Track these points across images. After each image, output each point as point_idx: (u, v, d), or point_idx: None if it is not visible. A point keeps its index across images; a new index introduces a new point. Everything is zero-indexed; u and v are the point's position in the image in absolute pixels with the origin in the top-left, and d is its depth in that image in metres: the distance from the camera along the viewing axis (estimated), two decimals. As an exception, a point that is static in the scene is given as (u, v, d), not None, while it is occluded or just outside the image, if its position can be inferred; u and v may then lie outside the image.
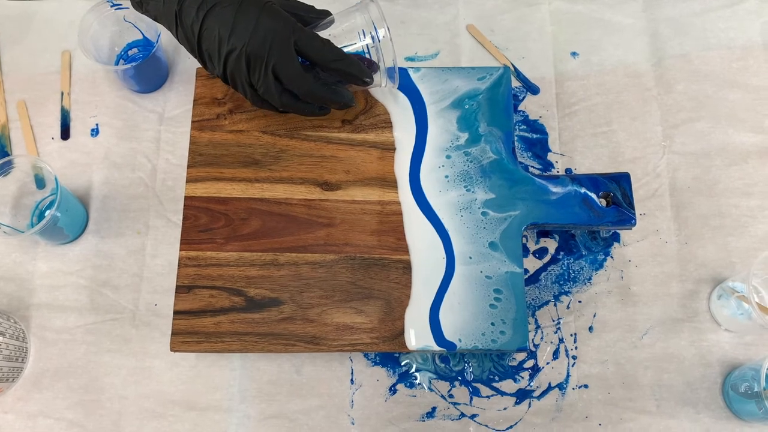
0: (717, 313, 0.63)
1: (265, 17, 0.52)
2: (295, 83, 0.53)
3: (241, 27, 0.51)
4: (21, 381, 0.62)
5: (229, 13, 0.51)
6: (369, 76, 0.56)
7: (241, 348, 0.56)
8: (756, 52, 0.72)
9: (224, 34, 0.51)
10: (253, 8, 0.52)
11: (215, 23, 0.51)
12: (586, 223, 0.60)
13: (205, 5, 0.51)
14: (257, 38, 0.51)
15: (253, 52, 0.51)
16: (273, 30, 0.51)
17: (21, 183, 0.65)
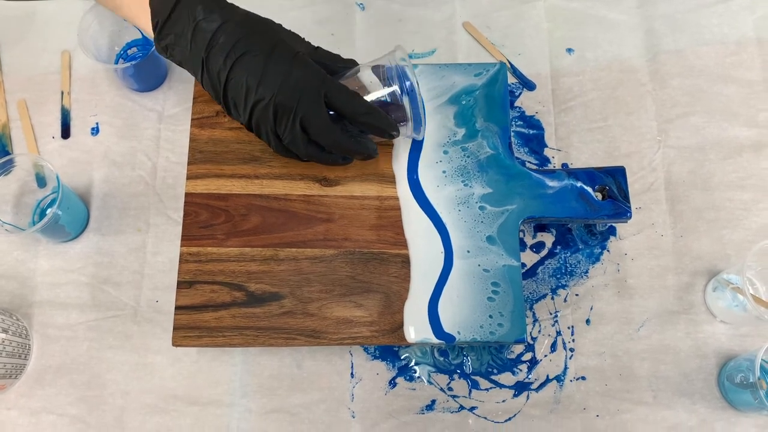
0: (712, 305, 0.64)
1: (296, 68, 0.51)
2: (323, 135, 0.53)
3: (271, 77, 0.50)
4: (24, 378, 0.63)
5: (259, 62, 0.50)
6: (396, 130, 0.55)
7: (243, 342, 0.57)
8: (750, 47, 0.73)
9: (252, 83, 0.50)
10: (284, 58, 0.51)
11: (243, 72, 0.50)
12: (583, 217, 0.60)
13: (233, 53, 0.50)
14: (287, 89, 0.50)
15: (281, 103, 0.50)
16: (303, 81, 0.50)
17: (22, 182, 0.65)
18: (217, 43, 0.51)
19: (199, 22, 0.51)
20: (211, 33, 0.50)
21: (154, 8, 0.52)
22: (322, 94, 0.51)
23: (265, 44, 0.51)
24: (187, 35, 0.51)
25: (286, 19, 0.74)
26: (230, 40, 0.50)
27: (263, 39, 0.51)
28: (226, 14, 0.51)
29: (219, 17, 0.51)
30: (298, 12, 0.76)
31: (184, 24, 0.51)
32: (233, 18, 0.51)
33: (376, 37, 0.74)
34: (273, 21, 0.55)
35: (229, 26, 0.51)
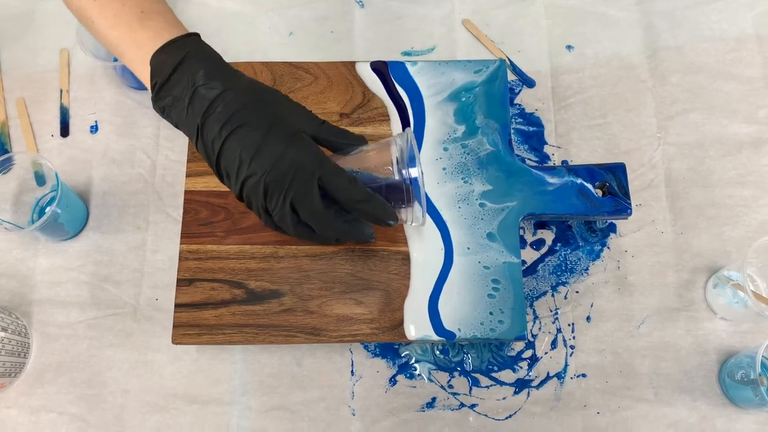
0: (713, 302, 0.63)
1: (292, 147, 0.48)
2: (314, 219, 0.50)
3: (265, 154, 0.47)
4: (23, 376, 0.63)
5: (255, 137, 0.48)
6: (394, 219, 0.52)
7: (243, 340, 0.57)
8: (749, 43, 0.73)
9: (245, 158, 0.47)
10: (281, 136, 0.48)
11: (238, 145, 0.48)
12: (583, 213, 0.60)
13: (230, 124, 0.48)
14: (279, 168, 0.47)
15: (273, 182, 0.48)
16: (298, 162, 0.48)
17: (21, 180, 0.65)
18: (214, 112, 0.48)
19: (198, 88, 0.48)
20: (209, 101, 0.48)
21: (154, 69, 0.50)
22: (316, 177, 0.48)
23: (263, 118, 0.48)
24: (185, 99, 0.48)
25: (285, 17, 0.75)
26: (228, 110, 0.48)
27: (263, 112, 0.49)
28: (227, 82, 0.49)
29: (220, 85, 0.48)
30: (297, 9, 0.76)
31: (183, 88, 0.48)
32: (234, 87, 0.49)
33: (376, 35, 0.74)
34: (277, 92, 0.52)
35: (228, 95, 0.48)
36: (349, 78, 0.65)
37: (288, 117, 0.50)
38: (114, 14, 0.52)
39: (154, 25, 0.51)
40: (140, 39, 0.51)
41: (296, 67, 0.66)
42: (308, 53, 0.73)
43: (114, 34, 0.52)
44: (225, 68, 0.50)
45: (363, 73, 0.65)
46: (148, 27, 0.51)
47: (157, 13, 0.52)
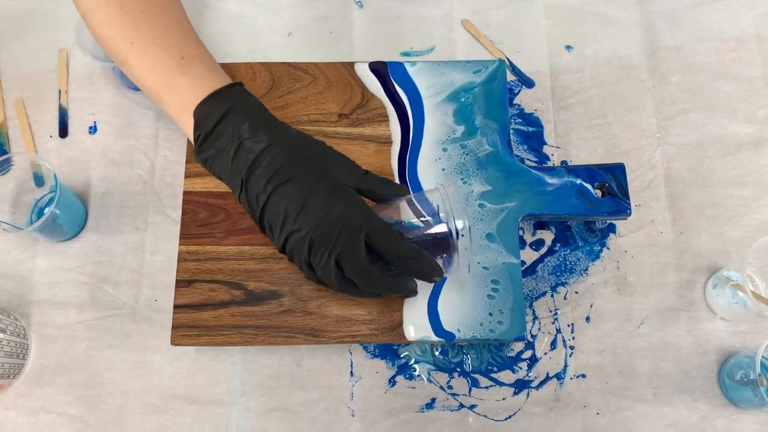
0: (713, 302, 0.63)
1: (338, 202, 0.47)
2: (359, 276, 0.49)
3: (311, 210, 0.47)
4: (22, 377, 0.63)
5: (300, 192, 0.47)
6: (440, 275, 0.51)
7: (242, 341, 0.57)
8: (749, 43, 0.73)
9: (291, 213, 0.47)
10: (327, 191, 0.47)
11: (283, 200, 0.47)
12: (582, 214, 0.60)
13: (275, 179, 0.47)
14: (326, 224, 0.47)
15: (318, 238, 0.47)
16: (344, 218, 0.47)
17: (20, 181, 0.65)
18: (260, 166, 0.47)
19: (244, 141, 0.47)
20: (255, 154, 0.47)
21: (198, 120, 0.49)
22: (363, 234, 0.47)
23: (309, 173, 0.48)
24: (230, 152, 0.48)
25: (284, 18, 0.75)
26: (274, 165, 0.47)
27: (308, 167, 0.48)
28: (272, 136, 0.48)
29: (265, 138, 0.48)
30: (296, 9, 0.75)
31: (228, 140, 0.48)
32: (280, 141, 0.48)
33: (375, 35, 0.74)
34: (322, 144, 0.51)
35: (274, 149, 0.47)
36: (348, 78, 0.65)
37: (333, 170, 0.49)
38: (152, 58, 0.51)
39: (195, 72, 0.50)
40: (180, 86, 0.50)
41: (295, 67, 0.66)
42: (307, 54, 0.73)
43: (152, 79, 0.51)
44: (270, 120, 0.49)
45: (362, 74, 0.65)
46: (188, 74, 0.50)
47: (197, 58, 0.51)
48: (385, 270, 0.50)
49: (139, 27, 0.51)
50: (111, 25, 0.52)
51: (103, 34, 0.53)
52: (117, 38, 0.52)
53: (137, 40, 0.51)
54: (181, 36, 0.53)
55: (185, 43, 0.52)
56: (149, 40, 0.51)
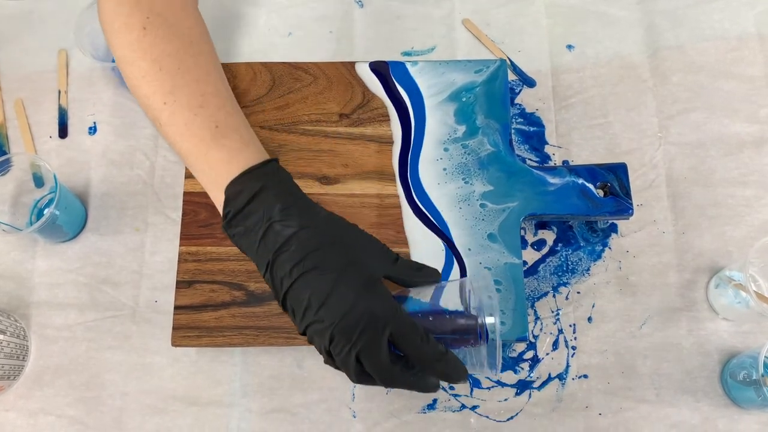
0: (715, 302, 0.63)
1: (363, 297, 0.45)
2: (379, 374, 0.46)
3: (334, 302, 0.44)
4: (22, 379, 0.62)
5: (326, 283, 0.45)
6: (465, 378, 0.48)
7: (243, 342, 0.57)
8: (751, 42, 0.72)
9: (314, 303, 0.45)
10: (353, 283, 0.45)
11: (307, 288, 0.45)
12: (584, 214, 0.60)
13: (301, 266, 0.45)
14: (349, 320, 0.44)
15: (340, 333, 0.44)
16: (368, 315, 0.44)
17: (19, 181, 0.65)
18: (287, 250, 0.46)
19: (274, 224, 0.46)
20: (284, 239, 0.46)
21: (229, 196, 0.47)
22: (387, 332, 0.44)
23: (336, 262, 0.46)
24: (258, 233, 0.46)
25: (284, 18, 0.75)
26: (301, 251, 0.45)
27: (336, 255, 0.46)
28: (303, 219, 0.46)
29: (296, 223, 0.46)
30: (296, 9, 0.75)
31: (258, 221, 0.46)
32: (310, 225, 0.46)
33: (375, 35, 0.74)
34: (354, 228, 0.49)
35: (303, 234, 0.46)
36: (349, 78, 0.65)
37: (362, 258, 0.47)
38: (185, 124, 0.49)
39: (229, 144, 0.49)
40: (213, 160, 0.48)
41: (295, 67, 0.65)
42: (308, 53, 0.73)
43: (184, 145, 0.50)
44: (302, 202, 0.48)
45: (363, 74, 0.65)
46: (222, 146, 0.49)
47: (232, 129, 0.50)
48: (407, 368, 0.47)
49: (174, 88, 0.50)
50: (145, 80, 0.51)
51: (137, 88, 0.52)
52: (151, 95, 0.51)
53: (172, 103, 0.50)
54: (217, 103, 0.51)
55: (222, 112, 0.50)
56: (184, 104, 0.50)
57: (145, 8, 0.52)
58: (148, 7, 0.52)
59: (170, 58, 0.51)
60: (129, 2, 0.52)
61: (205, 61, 0.53)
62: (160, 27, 0.51)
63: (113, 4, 0.52)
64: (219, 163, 0.48)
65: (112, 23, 0.52)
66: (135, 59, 0.51)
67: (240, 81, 0.64)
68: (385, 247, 0.49)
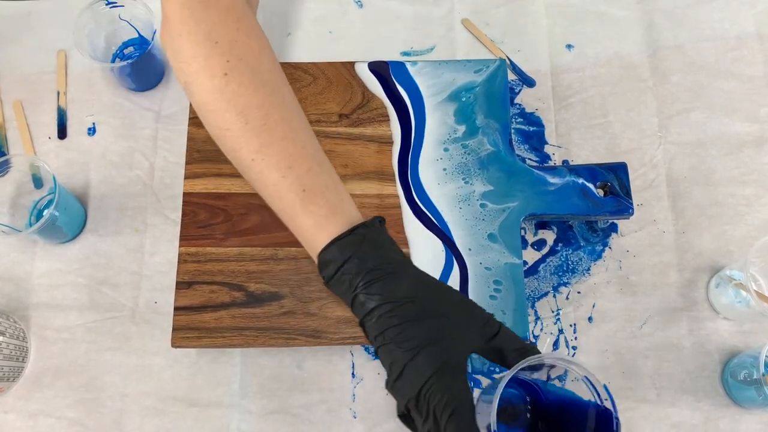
0: (715, 302, 0.63)
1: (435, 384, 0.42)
2: None
3: (406, 380, 0.43)
4: (21, 380, 0.62)
5: (400, 360, 0.43)
6: None
7: (242, 343, 0.57)
8: (750, 42, 0.72)
9: (393, 371, 0.44)
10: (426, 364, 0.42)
11: (387, 358, 0.44)
12: (584, 213, 0.60)
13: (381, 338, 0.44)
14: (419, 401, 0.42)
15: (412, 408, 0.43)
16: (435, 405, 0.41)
17: (18, 183, 0.64)
18: (370, 321, 0.44)
19: (359, 295, 0.45)
20: (366, 311, 0.45)
21: (320, 263, 0.47)
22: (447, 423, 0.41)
23: (415, 339, 0.43)
24: (348, 300, 0.46)
25: (283, 18, 0.75)
26: (380, 326, 0.44)
27: (415, 331, 0.43)
28: (386, 293, 0.44)
29: (377, 298, 0.44)
30: (295, 9, 0.75)
31: (346, 290, 0.46)
32: (391, 299, 0.44)
33: (375, 35, 0.74)
34: (449, 299, 0.46)
35: (384, 309, 0.44)
36: (349, 78, 0.65)
37: (446, 335, 0.44)
38: (273, 185, 0.48)
39: (316, 211, 0.47)
40: (301, 224, 0.47)
41: (295, 67, 0.65)
42: (307, 54, 0.73)
43: (273, 203, 0.49)
44: (387, 270, 0.45)
45: (362, 74, 0.65)
46: (309, 213, 0.47)
47: (319, 193, 0.48)
48: None
49: (261, 147, 0.47)
50: (230, 134, 0.48)
51: (220, 138, 0.49)
52: (237, 150, 0.48)
53: (260, 161, 0.48)
54: (305, 164, 0.48)
55: (310, 174, 0.48)
56: (272, 165, 0.47)
57: (226, 51, 0.47)
58: (228, 50, 0.47)
59: (256, 112, 0.47)
60: (206, 43, 0.47)
61: (289, 113, 0.50)
62: (243, 73, 0.47)
63: (188, 44, 0.47)
64: (308, 230, 0.47)
65: (188, 64, 0.48)
66: (218, 109, 0.48)
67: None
68: (485, 320, 0.46)
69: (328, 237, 0.46)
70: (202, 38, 0.47)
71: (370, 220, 0.47)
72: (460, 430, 0.41)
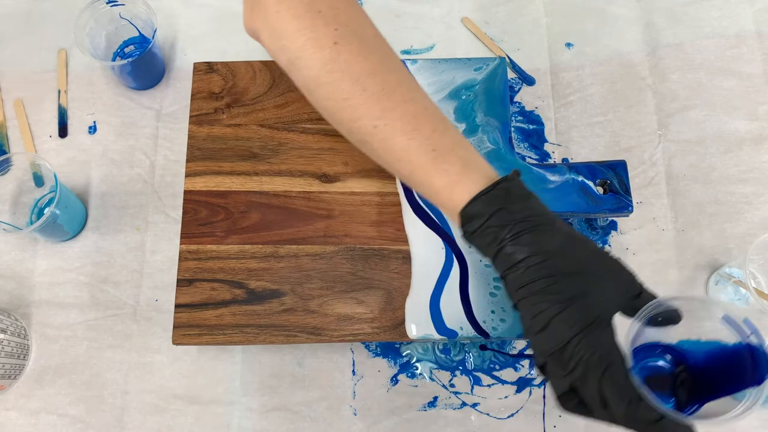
0: (715, 299, 0.63)
1: (579, 339, 0.41)
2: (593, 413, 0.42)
3: (549, 335, 0.42)
4: (23, 378, 0.62)
5: (545, 313, 0.42)
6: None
7: (243, 340, 0.57)
8: (749, 40, 0.72)
9: (533, 327, 0.43)
10: (573, 320, 0.42)
11: (529, 312, 0.43)
12: (584, 211, 0.60)
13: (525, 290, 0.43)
14: (560, 357, 0.42)
15: (551, 362, 0.42)
16: (578, 358, 0.41)
17: (19, 181, 0.65)
18: (514, 272, 0.44)
19: (505, 246, 0.44)
20: (513, 262, 0.43)
21: (464, 219, 0.45)
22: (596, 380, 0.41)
23: (562, 294, 0.42)
24: (492, 251, 0.45)
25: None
26: (526, 278, 0.43)
27: (563, 286, 0.42)
28: (534, 246, 0.43)
29: (526, 249, 0.43)
30: (295, 8, 0.75)
31: (490, 242, 0.44)
32: (540, 251, 0.43)
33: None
34: (597, 256, 0.44)
35: (531, 261, 0.43)
36: (349, 76, 0.65)
37: (595, 292, 0.43)
38: (401, 149, 0.46)
39: (450, 169, 0.46)
40: (435, 186, 0.46)
41: (295, 65, 0.65)
42: (307, 52, 0.73)
43: (403, 170, 0.48)
44: (537, 224, 0.44)
45: (362, 72, 0.65)
46: (443, 172, 0.46)
47: (449, 150, 0.46)
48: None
49: (383, 112, 0.46)
50: (348, 103, 0.46)
51: (338, 111, 0.48)
52: (357, 120, 0.47)
53: (383, 127, 0.46)
54: (430, 124, 0.47)
55: (436, 133, 0.47)
56: (397, 129, 0.46)
57: (330, 19, 0.46)
58: (333, 18, 0.46)
59: (372, 78, 0.46)
60: (309, 14, 0.46)
61: (403, 76, 0.48)
62: (351, 41, 0.46)
63: (290, 19, 0.46)
64: (443, 189, 0.46)
65: (292, 40, 0.46)
66: (332, 81, 0.46)
67: (240, 79, 0.64)
68: (630, 280, 0.45)
69: (468, 192, 0.45)
70: (303, 10, 0.46)
71: (510, 174, 0.46)
72: (618, 385, 0.41)
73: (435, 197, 0.47)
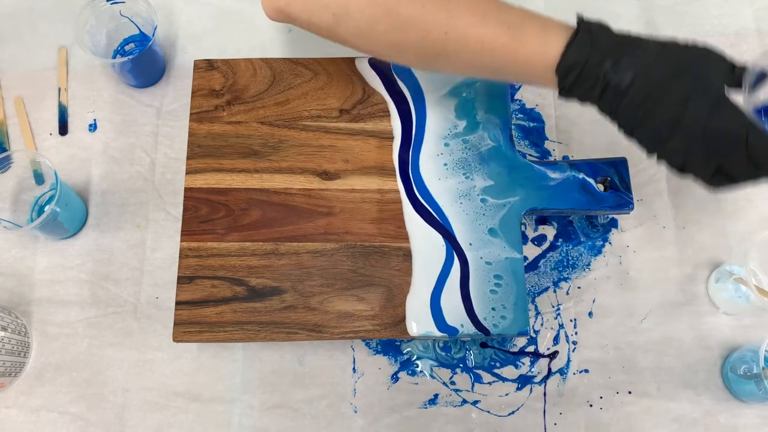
0: (715, 297, 0.63)
1: (716, 116, 0.44)
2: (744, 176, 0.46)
3: (684, 129, 0.45)
4: (23, 376, 0.62)
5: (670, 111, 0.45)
6: None
7: (244, 337, 0.57)
8: (749, 38, 0.72)
9: (664, 134, 0.46)
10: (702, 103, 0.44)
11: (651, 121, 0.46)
12: (585, 208, 0.60)
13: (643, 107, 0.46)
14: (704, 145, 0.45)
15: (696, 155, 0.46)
16: (722, 133, 0.44)
17: (20, 179, 0.65)
18: (627, 95, 0.46)
19: (610, 81, 0.46)
20: (621, 90, 0.46)
21: (561, 73, 0.47)
22: (743, 149, 0.44)
23: (678, 91, 0.45)
24: (596, 93, 0.47)
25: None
26: (640, 96, 0.46)
27: (678, 84, 0.45)
28: (634, 68, 0.45)
29: (629, 74, 0.45)
30: (296, 6, 0.75)
31: (593, 84, 0.47)
32: (644, 70, 0.45)
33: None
34: (688, 50, 0.47)
35: (638, 80, 0.45)
36: (349, 74, 0.65)
37: (704, 77, 0.45)
38: (476, 40, 0.48)
39: (531, 39, 0.48)
40: (521, 57, 0.48)
41: (296, 63, 0.66)
42: (308, 49, 0.73)
43: (481, 61, 0.49)
44: (627, 48, 0.46)
45: (363, 69, 0.65)
46: (526, 43, 0.48)
47: (523, 21, 0.48)
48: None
49: (449, 18, 0.48)
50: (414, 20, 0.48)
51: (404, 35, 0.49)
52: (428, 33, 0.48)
53: (452, 30, 0.48)
54: (493, 8, 0.49)
55: (501, 12, 0.48)
56: (467, 25, 0.48)
57: None
58: None
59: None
60: None
61: None
62: None
63: None
64: (530, 58, 0.48)
65: None
66: (389, 11, 0.48)
67: (240, 77, 0.64)
68: (721, 57, 0.47)
69: (557, 49, 0.47)
70: None
71: (577, 16, 0.48)
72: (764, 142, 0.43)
73: (524, 68, 0.49)
